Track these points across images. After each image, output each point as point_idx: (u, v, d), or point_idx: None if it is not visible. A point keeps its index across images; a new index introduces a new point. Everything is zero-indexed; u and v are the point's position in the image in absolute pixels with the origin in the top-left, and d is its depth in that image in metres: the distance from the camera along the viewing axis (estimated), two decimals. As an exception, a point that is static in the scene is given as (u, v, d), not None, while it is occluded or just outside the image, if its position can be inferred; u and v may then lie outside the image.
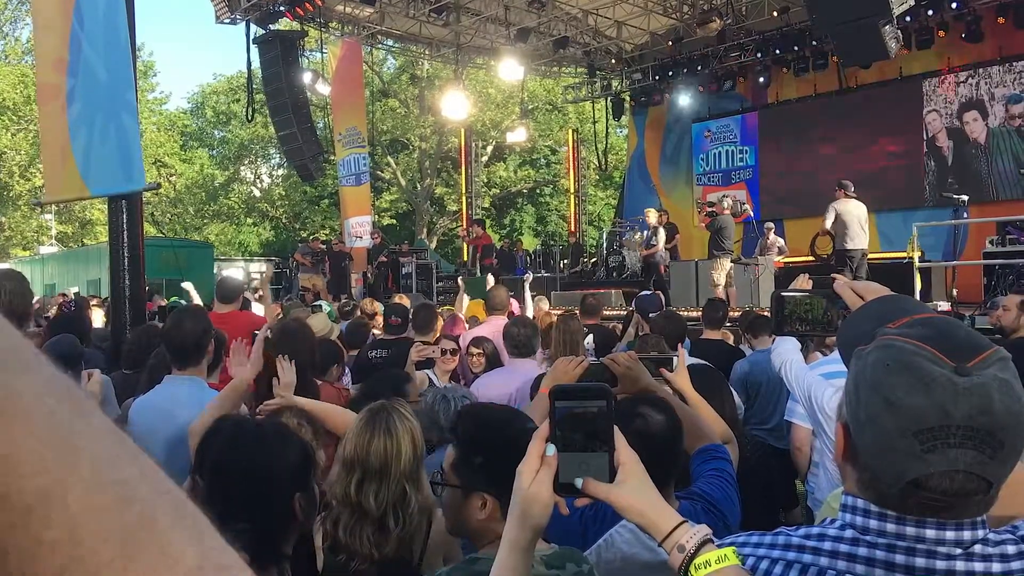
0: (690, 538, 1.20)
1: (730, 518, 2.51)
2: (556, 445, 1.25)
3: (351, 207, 23.11)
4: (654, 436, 2.34)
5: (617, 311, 13.38)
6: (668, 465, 2.41)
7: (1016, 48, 17.55)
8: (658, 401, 2.47)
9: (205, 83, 54.59)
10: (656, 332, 5.78)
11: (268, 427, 2.35)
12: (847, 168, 19.59)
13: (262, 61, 20.08)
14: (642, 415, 2.37)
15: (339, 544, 2.53)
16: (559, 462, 1.25)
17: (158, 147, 38.77)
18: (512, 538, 1.30)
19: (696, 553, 1.18)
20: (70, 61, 6.54)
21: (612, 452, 1.25)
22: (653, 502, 1.25)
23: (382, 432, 2.58)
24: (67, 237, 39.29)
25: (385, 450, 2.55)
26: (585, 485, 1.24)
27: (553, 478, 1.25)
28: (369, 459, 2.55)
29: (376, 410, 2.68)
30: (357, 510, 2.51)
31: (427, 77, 36.56)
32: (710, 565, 1.17)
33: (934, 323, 1.20)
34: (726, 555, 1.18)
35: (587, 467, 1.24)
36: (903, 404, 1.12)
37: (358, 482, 2.53)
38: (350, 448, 2.60)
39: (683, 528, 1.22)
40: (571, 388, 1.36)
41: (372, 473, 2.53)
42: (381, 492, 2.51)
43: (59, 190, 7.24)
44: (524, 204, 43.12)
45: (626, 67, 24.22)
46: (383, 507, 2.50)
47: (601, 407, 1.26)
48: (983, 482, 1.11)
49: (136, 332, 5.75)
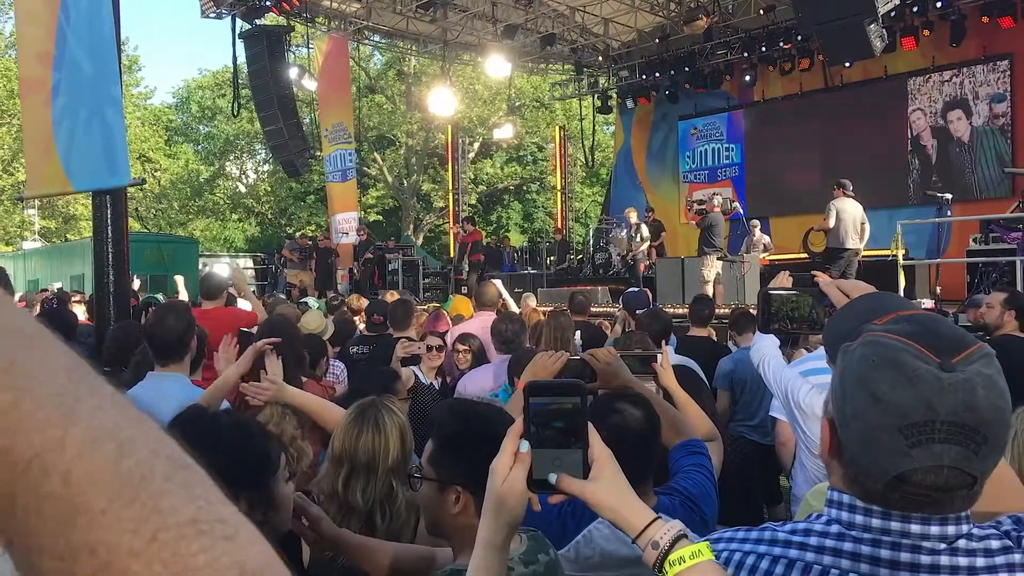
0: (664, 534, 1.20)
1: (708, 513, 2.52)
2: (530, 441, 1.24)
3: (338, 203, 23.08)
4: (631, 431, 2.34)
5: (603, 308, 13.40)
6: (645, 460, 2.41)
7: (1000, 47, 17.67)
8: (636, 397, 2.47)
9: (190, 78, 54.33)
10: (641, 329, 5.79)
11: (226, 420, 2.29)
12: (832, 166, 19.72)
13: (248, 56, 20.02)
14: (619, 411, 2.37)
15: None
16: (533, 458, 1.24)
17: (143, 142, 38.60)
18: (486, 537, 1.30)
19: (670, 549, 1.18)
20: (55, 55, 6.49)
21: (586, 449, 1.24)
22: (627, 499, 1.25)
23: (370, 428, 2.58)
24: (50, 232, 39.06)
25: (373, 446, 2.55)
26: (559, 481, 1.23)
27: (527, 474, 1.24)
28: (357, 455, 2.55)
29: (365, 406, 2.67)
30: (344, 505, 2.51)
31: (414, 73, 36.49)
32: (684, 561, 1.17)
33: (919, 319, 1.20)
34: (700, 550, 1.18)
35: (561, 463, 1.23)
36: (888, 399, 1.12)
37: (345, 478, 2.53)
38: (338, 444, 2.59)
39: (657, 524, 1.22)
40: (546, 384, 1.35)
41: (360, 469, 2.53)
42: (369, 488, 2.51)
43: (41, 185, 7.19)
44: (511, 201, 43.11)
45: (613, 64, 24.25)
46: (370, 503, 2.50)
47: (576, 403, 1.25)
48: (967, 477, 1.11)
49: (115, 329, 5.70)
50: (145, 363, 4.06)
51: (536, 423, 1.25)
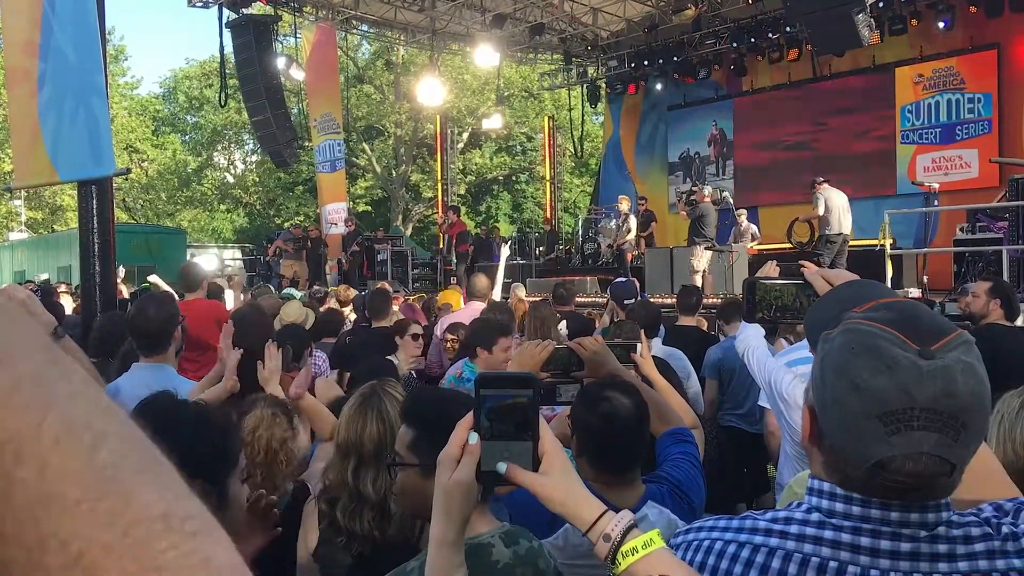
0: (615, 526, 1.19)
1: (695, 501, 2.54)
2: (480, 433, 1.23)
3: (327, 193, 23.03)
4: (621, 420, 2.37)
5: (592, 298, 13.41)
6: (634, 448, 2.45)
7: (987, 37, 17.71)
8: (625, 385, 2.48)
9: (177, 68, 53.99)
10: (631, 319, 5.80)
11: (189, 411, 2.21)
12: (820, 155, 19.80)
13: (235, 46, 19.87)
14: (608, 399, 2.39)
15: (338, 526, 2.50)
16: (482, 451, 1.23)
17: (129, 132, 38.36)
18: (438, 533, 1.27)
19: (622, 540, 1.18)
20: (41, 44, 6.44)
21: (536, 442, 1.23)
22: (576, 492, 1.24)
23: (375, 418, 2.56)
24: (37, 223, 38.82)
25: (379, 435, 2.53)
26: (508, 471, 1.22)
27: (475, 467, 1.23)
28: (363, 445, 2.52)
29: (367, 395, 2.65)
30: (356, 495, 2.49)
31: (402, 63, 36.37)
32: (637, 551, 1.17)
33: (899, 307, 1.20)
34: (652, 539, 1.18)
35: (510, 455, 1.22)
36: (867, 387, 1.12)
37: (354, 469, 2.51)
38: (343, 434, 2.57)
39: (607, 517, 1.21)
40: (497, 376, 1.33)
41: (368, 459, 2.51)
42: (379, 478, 2.49)
43: (28, 175, 7.14)
44: (500, 191, 43.07)
45: (602, 54, 24.23)
46: (382, 492, 2.47)
47: (528, 396, 1.24)
48: (946, 464, 1.11)
49: (101, 320, 5.68)
50: (132, 353, 4.06)
51: (487, 416, 1.23)
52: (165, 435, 1.90)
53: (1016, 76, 17.49)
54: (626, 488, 2.44)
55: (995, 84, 17.85)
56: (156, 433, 0.53)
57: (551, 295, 7.90)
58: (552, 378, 2.43)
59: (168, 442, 1.71)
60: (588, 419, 2.43)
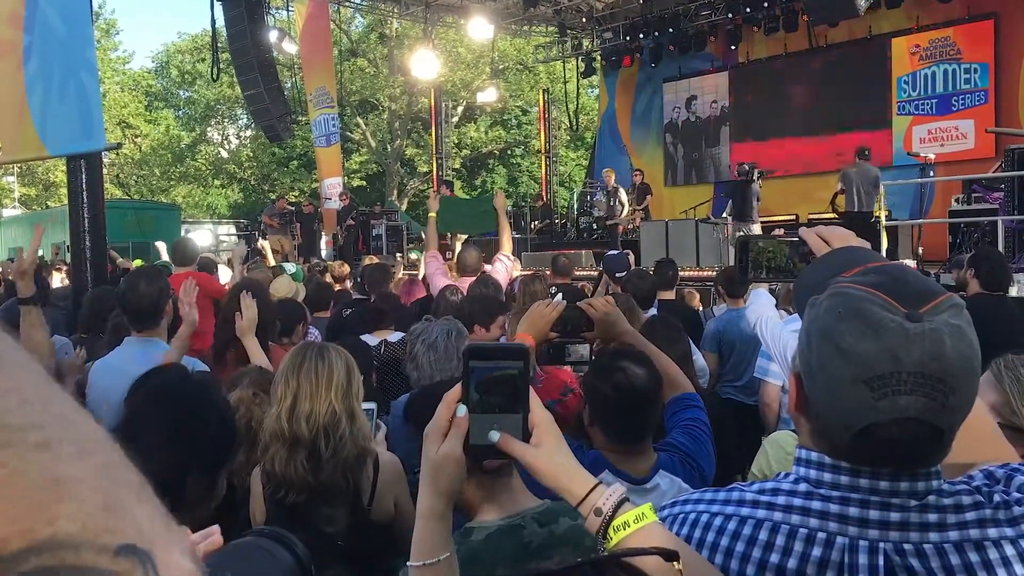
0: (606, 500, 1.17)
1: (707, 470, 2.54)
2: (468, 406, 1.20)
3: (324, 168, 22.95)
4: (634, 389, 2.38)
5: (587, 271, 13.40)
6: (648, 418, 2.46)
7: (985, 7, 17.59)
8: (638, 354, 2.48)
9: (170, 42, 53.55)
10: (627, 291, 5.77)
11: (220, 403, 2.27)
12: (816, 127, 19.73)
13: (227, 19, 19.65)
14: (622, 369, 2.40)
15: (275, 478, 2.53)
16: (470, 424, 1.20)
17: (122, 107, 38.15)
18: (424, 507, 1.25)
19: (614, 514, 1.16)
20: (26, 16, 6.38)
21: (526, 414, 1.21)
22: (568, 466, 1.22)
23: (314, 356, 2.59)
24: (30, 199, 38.67)
25: (316, 372, 2.55)
26: (501, 441, 1.19)
27: (463, 440, 1.20)
28: (300, 382, 2.54)
29: (308, 344, 2.72)
30: (290, 439, 2.50)
31: (396, 36, 36.09)
32: (629, 526, 1.15)
33: (887, 270, 1.18)
34: (644, 513, 1.16)
35: (500, 428, 1.20)
36: (853, 351, 1.10)
37: (289, 409, 2.52)
38: (282, 384, 2.58)
39: (599, 490, 1.19)
40: (486, 348, 1.30)
41: (303, 396, 2.52)
42: (313, 414, 2.50)
43: (16, 150, 7.10)
44: (495, 165, 42.90)
45: (597, 26, 24.03)
46: (315, 430, 2.49)
47: (519, 367, 1.21)
48: (934, 430, 1.09)
49: (91, 295, 5.66)
50: (122, 326, 4.05)
51: (476, 388, 1.20)
52: (192, 420, 1.91)
53: (1013, 46, 17.37)
54: (639, 457, 2.46)
55: (991, 54, 17.72)
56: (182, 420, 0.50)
57: (551, 266, 7.88)
58: (561, 338, 2.42)
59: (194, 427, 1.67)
60: (601, 389, 2.44)
